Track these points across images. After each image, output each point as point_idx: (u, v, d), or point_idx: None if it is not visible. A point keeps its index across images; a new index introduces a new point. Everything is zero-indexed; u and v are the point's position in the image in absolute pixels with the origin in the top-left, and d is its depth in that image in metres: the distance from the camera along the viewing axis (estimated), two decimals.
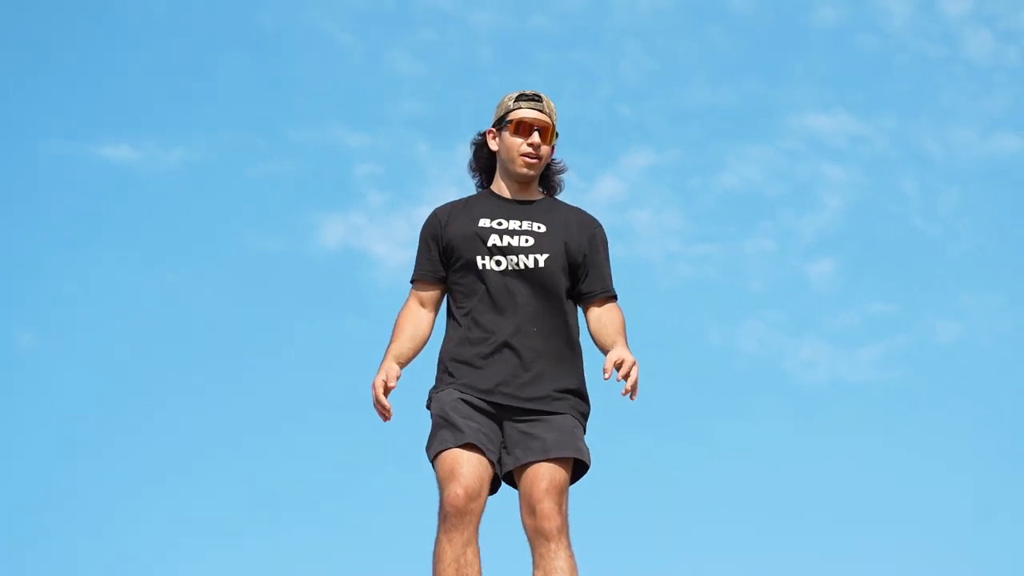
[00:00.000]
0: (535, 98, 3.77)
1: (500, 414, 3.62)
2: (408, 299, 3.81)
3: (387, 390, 3.66)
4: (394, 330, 3.78)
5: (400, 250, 9.70)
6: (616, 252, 4.05)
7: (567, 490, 3.62)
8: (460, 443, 3.56)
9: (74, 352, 9.96)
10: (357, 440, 9.31)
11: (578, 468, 3.65)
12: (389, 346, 3.72)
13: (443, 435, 3.61)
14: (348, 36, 10.81)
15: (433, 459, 3.61)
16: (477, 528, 3.56)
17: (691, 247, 10.60)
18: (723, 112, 11.13)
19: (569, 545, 3.56)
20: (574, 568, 3.53)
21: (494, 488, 3.64)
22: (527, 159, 3.72)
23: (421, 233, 3.84)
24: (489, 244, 3.70)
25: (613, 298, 3.82)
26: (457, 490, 3.51)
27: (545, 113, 3.75)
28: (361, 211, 10.23)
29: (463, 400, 3.64)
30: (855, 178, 11.00)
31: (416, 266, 3.81)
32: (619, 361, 3.51)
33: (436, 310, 3.80)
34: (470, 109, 10.96)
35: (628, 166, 10.85)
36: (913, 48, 11.11)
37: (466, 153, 3.88)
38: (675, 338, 10.01)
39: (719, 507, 9.28)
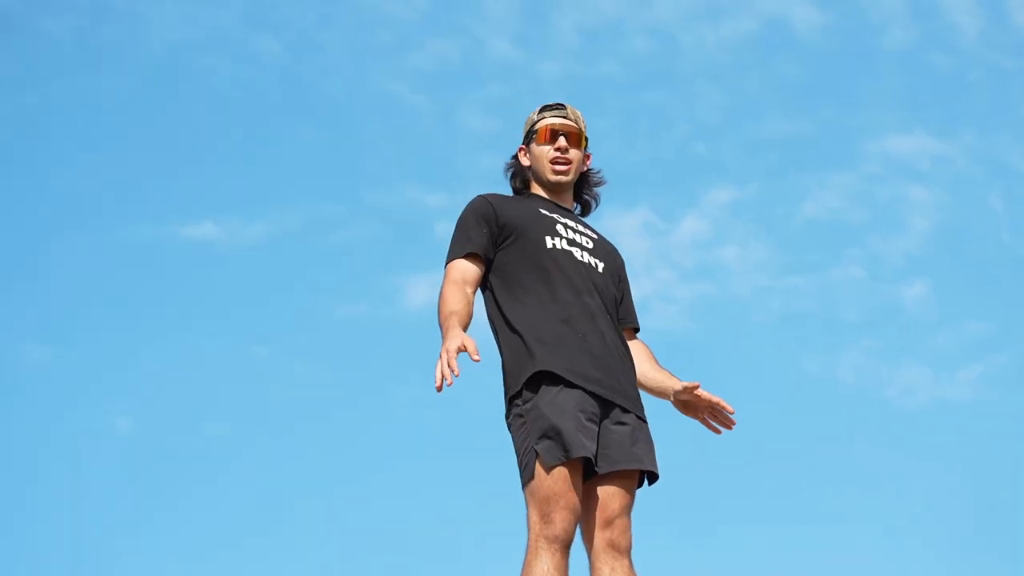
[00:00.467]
0: (559, 107, 3.76)
1: (603, 409, 3.48)
2: (450, 277, 3.63)
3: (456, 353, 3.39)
4: (446, 307, 3.56)
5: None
6: (705, 290, 3.95)
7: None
8: (574, 457, 3.37)
9: (170, 433, 9.94)
10: (459, 496, 9.28)
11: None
12: (449, 319, 3.48)
13: (558, 445, 3.40)
14: (417, 97, 10.91)
15: (543, 467, 3.41)
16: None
17: (780, 280, 10.56)
18: (799, 141, 11.15)
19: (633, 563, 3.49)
20: None
21: None
22: (556, 164, 3.69)
23: (466, 214, 3.71)
24: (557, 227, 3.65)
25: (637, 330, 3.79)
26: (571, 518, 3.37)
27: (570, 119, 3.72)
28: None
29: (577, 405, 3.44)
30: (939, 198, 10.98)
31: (463, 242, 3.64)
32: (713, 397, 3.59)
33: (475, 292, 3.65)
34: None
35: (710, 203, 10.80)
36: (987, 62, 11.06)
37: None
38: (771, 372, 10.00)
39: (822, 538, 9.10)
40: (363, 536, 9.74)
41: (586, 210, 3.81)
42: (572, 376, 3.42)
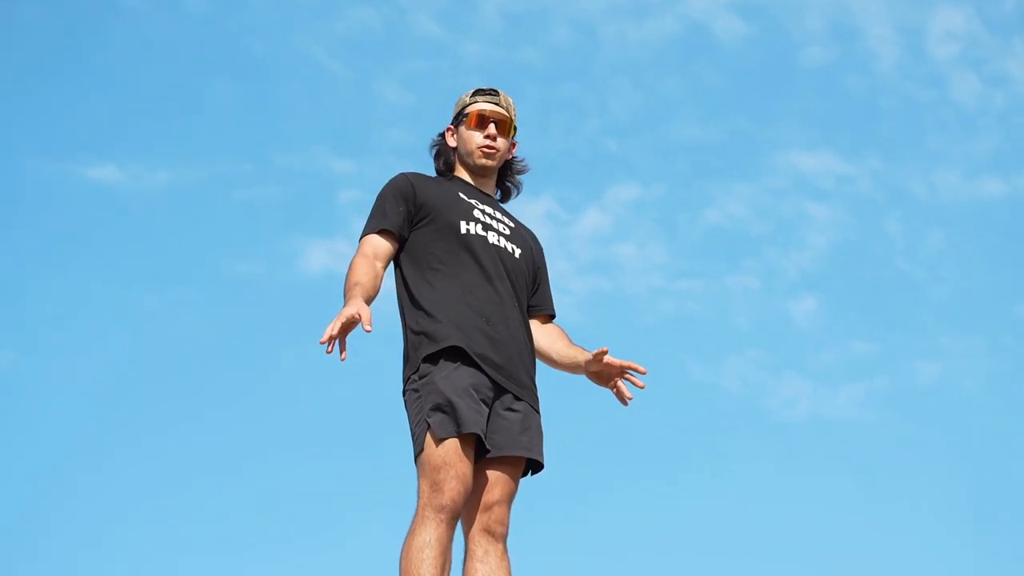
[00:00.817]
0: (492, 92, 3.80)
1: (496, 394, 3.54)
2: (361, 251, 3.67)
3: (350, 325, 3.43)
4: (352, 277, 3.61)
5: (386, 278, 9.66)
6: (600, 285, 3.99)
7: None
8: (465, 432, 3.44)
9: (55, 371, 10.00)
10: (338, 465, 9.32)
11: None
12: (353, 289, 3.54)
13: (451, 419, 3.47)
14: (337, 63, 10.93)
15: (434, 439, 3.47)
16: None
17: (675, 282, 10.64)
18: (709, 148, 11.27)
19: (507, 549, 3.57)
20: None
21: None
22: (484, 150, 3.73)
23: (386, 190, 3.75)
24: (474, 212, 3.69)
25: (553, 317, 3.84)
26: (460, 488, 3.42)
27: (502, 107, 3.77)
28: (344, 237, 10.01)
29: (472, 384, 3.51)
30: (839, 217, 11.11)
31: (379, 217, 3.70)
32: (624, 362, 3.64)
33: (386, 268, 3.70)
34: None
35: (613, 200, 10.85)
36: (900, 90, 11.29)
37: None
38: (657, 373, 10.10)
39: (694, 541, 9.26)
40: (238, 496, 9.68)
41: (506, 196, 3.86)
42: (471, 355, 3.47)
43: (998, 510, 10.03)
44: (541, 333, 3.74)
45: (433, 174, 3.85)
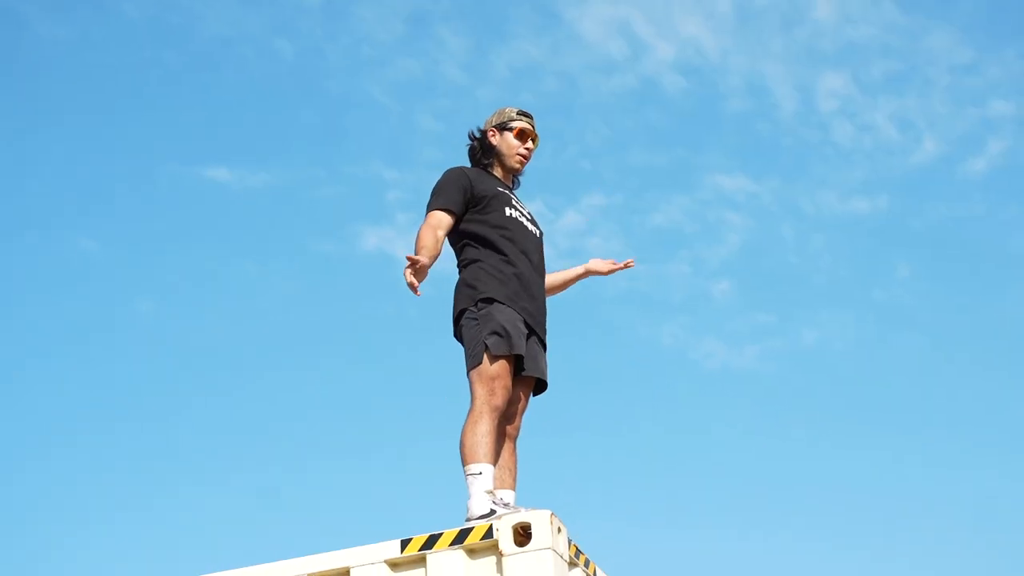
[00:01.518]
0: (531, 116, 4.01)
1: (528, 332, 3.84)
2: (428, 222, 3.84)
3: (418, 272, 3.67)
4: (420, 241, 3.77)
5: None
6: (572, 267, 4.33)
7: None
8: (516, 352, 3.73)
9: (183, 319, 11.58)
10: (384, 401, 10.87)
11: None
12: (421, 251, 3.73)
13: (505, 342, 3.73)
14: (389, 99, 12.25)
15: (493, 356, 3.71)
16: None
17: None
18: (656, 170, 12.47)
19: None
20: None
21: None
22: (522, 158, 3.99)
23: (449, 178, 3.90)
24: (512, 201, 3.93)
25: None
26: (507, 394, 3.71)
27: (535, 128, 4.03)
28: (391, 225, 11.68)
29: (519, 320, 3.79)
30: (748, 223, 12.31)
31: (443, 199, 3.86)
32: (619, 265, 4.16)
33: (445, 236, 3.85)
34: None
35: (586, 204, 11.87)
36: (795, 132, 12.44)
37: None
38: (614, 333, 11.25)
39: (636, 456, 10.85)
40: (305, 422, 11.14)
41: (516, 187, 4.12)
42: (514, 304, 3.80)
43: (861, 433, 11.52)
44: (549, 277, 4.11)
45: (467, 163, 4.07)
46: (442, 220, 3.80)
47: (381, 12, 11.93)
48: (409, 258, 3.59)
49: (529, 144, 3.97)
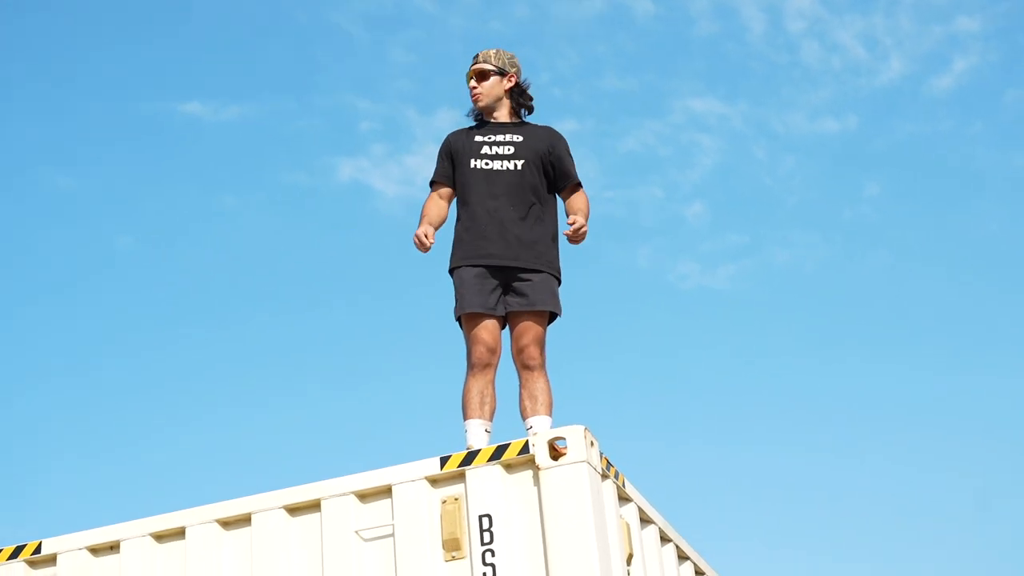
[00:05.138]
0: (474, 56, 4.36)
1: (505, 273, 4.22)
2: (430, 194, 4.41)
3: (422, 238, 4.14)
4: (423, 210, 4.32)
5: (394, 185, 11.76)
6: None
7: (544, 335, 4.20)
8: (466, 311, 4.18)
9: (161, 254, 12.25)
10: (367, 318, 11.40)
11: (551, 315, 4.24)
12: (423, 218, 4.25)
13: (459, 305, 4.21)
14: (359, 30, 13.18)
15: (457, 319, 4.23)
16: (495, 372, 4.18)
17: (602, 192, 12.66)
18: (628, 95, 13.50)
19: (545, 373, 4.21)
20: (548, 388, 4.18)
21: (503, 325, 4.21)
22: (472, 97, 4.39)
23: (440, 148, 4.36)
24: (482, 149, 4.29)
25: (578, 185, 4.37)
26: (483, 349, 4.15)
27: (478, 62, 4.38)
28: (365, 156, 12.71)
29: (477, 275, 4.19)
30: (720, 145, 13.44)
31: (434, 170, 4.44)
32: (573, 220, 4.26)
33: (449, 200, 4.36)
34: (445, 88, 13.12)
35: (559, 131, 11.98)
36: (764, 55, 13.41)
37: (440, 119, 5.30)
38: (588, 258, 11.77)
39: (614, 372, 11.68)
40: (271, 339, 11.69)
41: (518, 114, 4.46)
42: (472, 259, 4.19)
43: (833, 347, 12.64)
44: (567, 200, 4.40)
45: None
46: (432, 194, 4.29)
47: None
48: (416, 236, 4.07)
49: (472, 82, 4.31)
